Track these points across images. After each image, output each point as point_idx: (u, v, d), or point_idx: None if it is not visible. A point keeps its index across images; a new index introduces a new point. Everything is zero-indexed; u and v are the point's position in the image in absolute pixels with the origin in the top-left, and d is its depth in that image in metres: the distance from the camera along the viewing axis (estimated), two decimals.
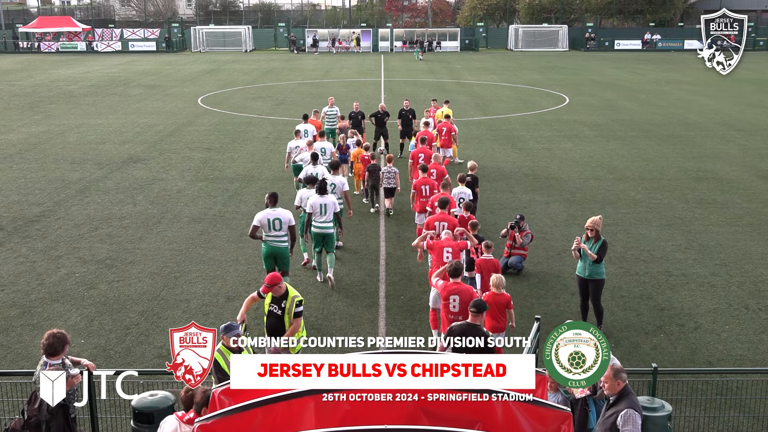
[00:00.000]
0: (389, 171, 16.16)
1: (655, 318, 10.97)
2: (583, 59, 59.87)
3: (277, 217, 10.94)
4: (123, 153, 22.47)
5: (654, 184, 18.86)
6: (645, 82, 42.87)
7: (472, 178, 14.35)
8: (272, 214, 10.96)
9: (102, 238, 14.51)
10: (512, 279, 12.38)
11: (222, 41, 71.85)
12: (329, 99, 22.64)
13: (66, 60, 58.44)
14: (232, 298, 11.55)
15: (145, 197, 17.49)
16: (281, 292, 8.47)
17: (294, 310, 8.41)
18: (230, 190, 18.24)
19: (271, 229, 10.95)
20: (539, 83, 41.99)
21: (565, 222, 15.66)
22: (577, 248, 10.20)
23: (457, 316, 8.77)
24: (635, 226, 15.33)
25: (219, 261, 13.22)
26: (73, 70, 49.72)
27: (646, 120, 28.93)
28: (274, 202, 11.07)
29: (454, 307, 8.89)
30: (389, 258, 13.44)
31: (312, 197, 12.06)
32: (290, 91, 36.85)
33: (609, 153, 22.69)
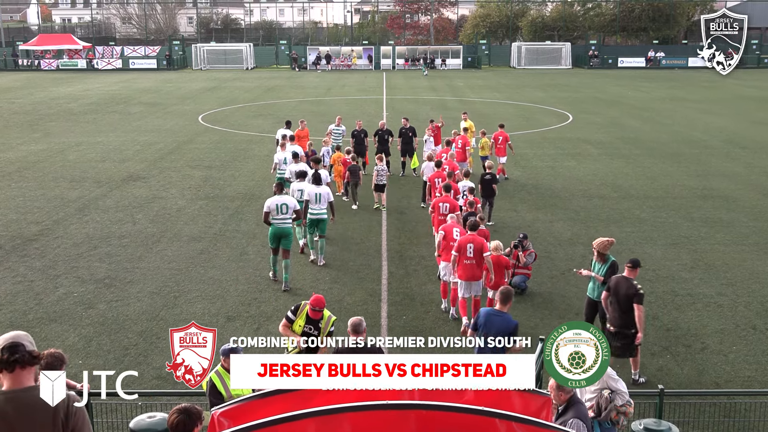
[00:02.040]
0: (381, 168, 17.92)
1: (661, 338, 10.93)
2: (587, 77, 60.14)
3: (284, 203, 12.97)
4: (123, 171, 22.55)
5: (659, 203, 18.87)
6: (649, 99, 43.03)
7: (491, 175, 16.28)
8: (280, 200, 13.01)
9: (101, 257, 14.52)
10: (516, 299, 12.34)
11: (223, 59, 72.30)
12: (337, 117, 22.76)
13: (66, 78, 58.82)
14: (233, 318, 11.54)
15: (144, 216, 17.53)
16: (320, 316, 8.46)
17: (329, 329, 8.37)
18: (231, 208, 18.27)
19: (278, 212, 12.92)
20: (542, 101, 42.16)
21: (569, 241, 15.65)
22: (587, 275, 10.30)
23: (471, 260, 11.17)
24: (640, 245, 15.32)
25: (219, 280, 13.22)
26: (73, 88, 50.03)
27: (650, 138, 29.00)
28: (281, 190, 13.30)
29: (470, 253, 11.21)
30: (391, 278, 13.43)
31: (308, 187, 14.06)
32: (291, 108, 37.01)
33: (613, 171, 22.73)
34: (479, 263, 11.24)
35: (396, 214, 17.73)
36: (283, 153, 17.60)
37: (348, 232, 16.22)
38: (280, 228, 12.91)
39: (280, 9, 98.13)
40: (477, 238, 11.32)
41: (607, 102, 41.59)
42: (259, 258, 14.41)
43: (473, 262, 11.19)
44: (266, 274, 13.45)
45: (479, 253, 11.20)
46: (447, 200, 13.60)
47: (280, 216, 12.91)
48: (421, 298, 12.43)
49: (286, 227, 12.97)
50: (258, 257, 14.47)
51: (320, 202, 13.85)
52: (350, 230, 16.37)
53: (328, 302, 11.87)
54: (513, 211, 17.95)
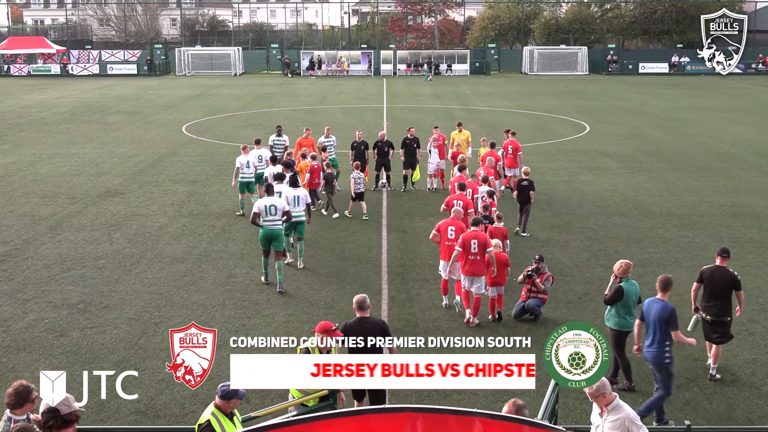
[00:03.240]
0: (357, 176, 18.86)
1: (687, 370, 10.91)
2: (605, 83, 60.44)
3: (273, 204, 14.01)
4: (99, 186, 22.61)
5: (684, 221, 18.90)
6: (673, 108, 43.22)
7: (528, 182, 17.40)
8: (269, 201, 14.05)
9: (74, 279, 14.53)
10: (528, 325, 12.37)
11: (209, 64, 72.71)
12: (326, 128, 22.86)
13: (38, 84, 59.11)
14: (219, 347, 11.47)
15: (122, 235, 17.55)
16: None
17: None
18: (217, 226, 18.30)
19: (267, 214, 13.92)
20: (557, 110, 42.33)
21: (586, 262, 15.67)
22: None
23: (476, 255, 12.26)
24: (664, 267, 15.32)
25: (204, 305, 13.22)
26: (45, 95, 50.26)
27: (674, 150, 29.10)
28: (271, 192, 14.28)
29: (474, 248, 12.25)
30: (392, 302, 13.43)
31: (285, 190, 14.96)
32: (284, 118, 37.18)
33: (634, 186, 22.79)
34: (483, 259, 12.37)
35: (397, 233, 17.76)
36: (246, 156, 19.01)
37: (345, 252, 16.24)
38: (270, 230, 13.96)
39: (272, 10, 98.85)
40: (481, 234, 12.48)
41: (627, 111, 41.75)
42: (247, 281, 14.42)
43: (477, 257, 12.32)
44: (256, 299, 13.46)
45: (483, 249, 12.34)
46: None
47: (269, 218, 13.94)
48: (425, 325, 12.43)
49: (276, 229, 14.02)
50: (247, 280, 14.48)
51: (298, 204, 14.96)
52: (347, 250, 16.40)
53: None
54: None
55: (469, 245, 12.31)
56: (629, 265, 10.46)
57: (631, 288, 10.35)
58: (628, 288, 10.29)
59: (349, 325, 9.05)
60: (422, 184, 22.30)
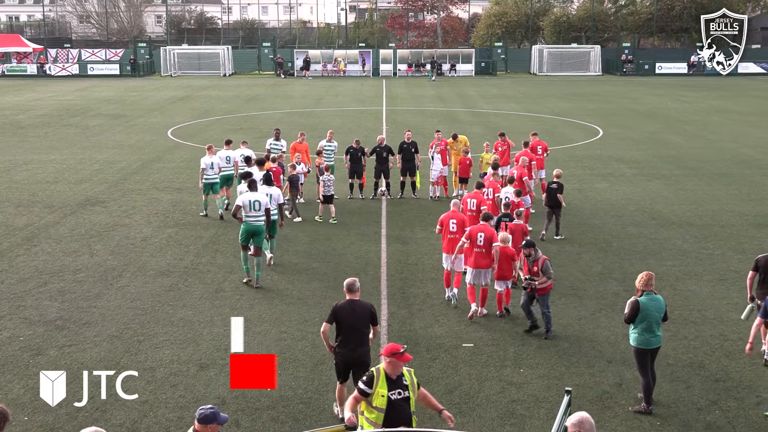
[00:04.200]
0: (327, 179, 19.56)
1: (708, 391, 10.91)
2: (619, 85, 60.60)
3: (257, 199, 14.97)
4: (79, 194, 22.63)
5: (704, 232, 18.93)
6: (692, 111, 43.33)
7: (557, 184, 17.86)
8: (252, 196, 14.96)
9: (52, 294, 14.53)
10: (537, 343, 12.35)
11: (197, 64, 72.94)
12: (329, 132, 22.91)
13: (13, 85, 59.22)
14: (206, 366, 11.53)
15: (104, 246, 17.56)
16: (399, 371, 7.88)
17: (416, 380, 8.03)
18: (205, 237, 18.32)
19: (251, 209, 14.86)
20: (567, 113, 42.42)
21: (599, 276, 15.68)
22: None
23: (482, 248, 13.26)
24: (683, 281, 15.35)
25: (191, 322, 13.22)
26: (21, 97, 50.35)
27: (693, 156, 29.15)
28: (254, 187, 15.11)
29: (480, 241, 13.27)
30: (392, 319, 13.43)
31: (244, 193, 15.35)
32: (277, 121, 37.25)
33: (650, 194, 22.83)
34: (489, 252, 13.32)
35: (398, 244, 17.78)
36: (210, 158, 19.93)
37: (341, 265, 16.26)
38: (252, 225, 14.95)
39: (263, 6, 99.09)
40: (488, 228, 13.48)
41: (643, 114, 41.85)
42: (237, 295, 14.44)
43: (483, 251, 13.32)
44: (246, 315, 13.41)
45: (489, 243, 13.30)
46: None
47: (252, 213, 14.93)
48: (427, 342, 12.42)
49: (258, 225, 15.00)
50: (236, 294, 14.49)
51: (270, 203, 15.55)
52: (344, 263, 16.41)
53: (317, 349, 11.88)
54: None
55: (475, 238, 13.32)
56: (651, 276, 10.37)
57: (651, 302, 10.20)
58: (646, 302, 10.17)
59: (339, 306, 9.74)
60: (424, 192, 22.34)
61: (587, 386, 10.93)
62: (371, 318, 9.68)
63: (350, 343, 9.59)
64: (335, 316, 9.63)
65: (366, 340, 9.71)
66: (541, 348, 12.14)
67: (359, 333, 9.62)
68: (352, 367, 9.65)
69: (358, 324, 9.60)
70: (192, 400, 10.44)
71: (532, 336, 12.63)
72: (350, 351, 9.60)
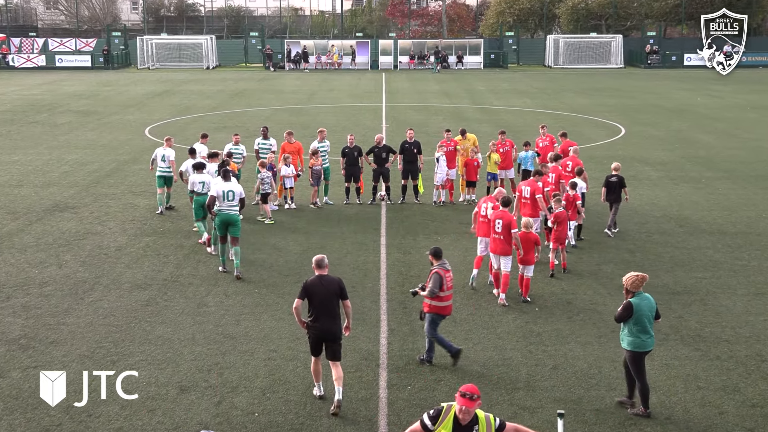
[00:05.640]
0: (265, 176, 20.23)
1: (744, 418, 10.90)
2: (643, 78, 60.69)
3: (231, 189, 16.26)
4: (46, 199, 22.64)
5: (738, 241, 18.93)
6: (724, 107, 43.37)
7: (617, 177, 19.01)
8: (226, 186, 16.23)
9: (15, 310, 14.51)
10: (552, 363, 12.34)
11: (177, 55, 73.10)
12: (319, 131, 22.90)
13: None
14: (187, 389, 11.51)
15: (73, 256, 17.55)
16: (469, 417, 7.61)
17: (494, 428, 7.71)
18: (186, 247, 18.32)
19: (225, 199, 16.13)
20: (586, 109, 42.46)
21: (620, 289, 15.60)
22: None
23: (500, 234, 14.64)
24: (714, 296, 15.34)
25: (170, 340, 13.20)
26: None
27: (726, 157, 29.17)
28: (227, 177, 16.37)
29: (498, 228, 14.64)
30: (392, 336, 13.42)
31: (218, 183, 16.50)
32: (265, 119, 37.30)
33: (678, 199, 22.84)
34: (507, 239, 14.60)
35: (398, 254, 17.78)
36: (163, 150, 21.08)
37: (336, 275, 16.21)
38: (227, 215, 16.19)
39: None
40: (507, 215, 14.74)
41: (669, 110, 41.89)
42: (222, 311, 14.43)
43: (501, 237, 14.64)
44: (231, 332, 13.46)
45: (507, 229, 14.54)
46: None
47: (226, 203, 16.18)
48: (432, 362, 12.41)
49: (233, 214, 16.27)
50: (221, 309, 14.48)
51: (231, 199, 16.35)
52: (339, 275, 16.34)
53: (309, 369, 11.87)
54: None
55: (493, 224, 14.80)
56: (642, 278, 10.78)
57: (643, 302, 10.71)
58: (638, 303, 10.67)
59: (309, 282, 11.15)
60: (427, 197, 22.34)
61: (608, 411, 10.92)
62: (340, 292, 11.17)
63: (322, 316, 10.98)
64: (306, 292, 11.06)
65: (336, 313, 11.11)
66: (556, 369, 12.13)
67: (330, 307, 11.05)
68: (325, 340, 11.02)
69: (328, 298, 11.06)
70: (171, 426, 10.43)
71: (546, 356, 12.61)
72: (322, 324, 10.97)
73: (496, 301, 14.88)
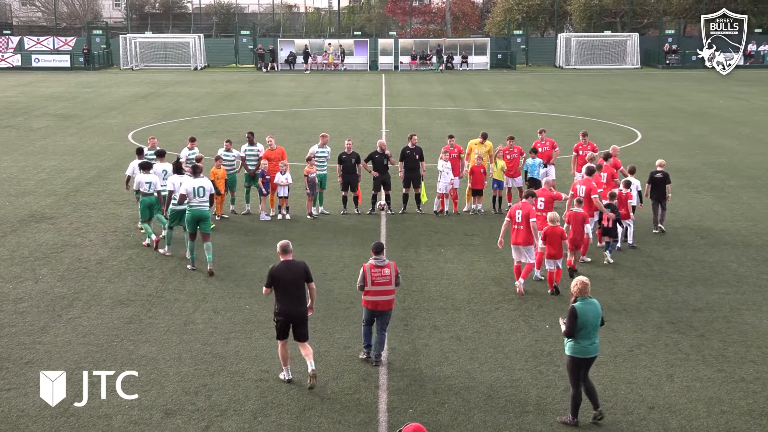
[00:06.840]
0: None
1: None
2: (661, 79, 60.77)
3: (201, 185, 17.24)
4: (21, 209, 22.64)
5: (764, 254, 18.93)
6: (748, 110, 43.43)
7: (662, 174, 20.14)
8: (197, 182, 17.18)
9: None
10: (564, 385, 12.34)
11: (163, 55, 73.19)
12: (321, 136, 22.86)
13: None
14: (172, 413, 11.50)
15: (51, 270, 17.55)
16: None
17: None
18: (171, 260, 18.30)
19: (195, 196, 17.10)
20: (599, 113, 42.51)
21: (638, 306, 15.67)
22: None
23: (519, 225, 16.05)
24: (738, 312, 15.33)
25: (155, 360, 13.19)
26: None
27: (750, 163, 29.19)
28: (197, 173, 17.39)
29: (518, 218, 16.05)
30: (393, 354, 13.41)
31: (187, 180, 17.34)
32: (257, 123, 37.35)
33: (699, 209, 22.85)
34: (527, 230, 15.97)
35: (399, 268, 17.68)
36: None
37: (333, 292, 16.25)
38: (198, 211, 17.17)
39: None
40: (527, 206, 16.25)
41: (689, 114, 41.94)
42: (210, 328, 14.42)
43: (521, 227, 16.05)
44: (220, 351, 13.46)
45: (526, 220, 15.96)
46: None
47: (197, 200, 17.14)
48: (434, 384, 12.40)
49: (204, 210, 17.27)
50: (209, 327, 14.47)
51: (201, 195, 17.31)
52: (336, 290, 16.41)
53: (304, 391, 11.86)
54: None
55: (513, 215, 16.17)
56: (585, 284, 11.10)
57: (588, 307, 10.98)
58: (582, 308, 10.95)
59: (275, 268, 12.24)
60: (430, 206, 22.32)
61: None
62: (305, 275, 12.31)
63: (289, 300, 12.13)
64: (273, 278, 12.19)
65: (303, 295, 12.28)
66: (568, 390, 12.10)
67: (296, 290, 12.19)
68: (292, 322, 12.16)
69: (295, 283, 12.19)
70: None
71: (557, 377, 12.59)
72: (290, 307, 12.12)
73: (504, 317, 14.87)
